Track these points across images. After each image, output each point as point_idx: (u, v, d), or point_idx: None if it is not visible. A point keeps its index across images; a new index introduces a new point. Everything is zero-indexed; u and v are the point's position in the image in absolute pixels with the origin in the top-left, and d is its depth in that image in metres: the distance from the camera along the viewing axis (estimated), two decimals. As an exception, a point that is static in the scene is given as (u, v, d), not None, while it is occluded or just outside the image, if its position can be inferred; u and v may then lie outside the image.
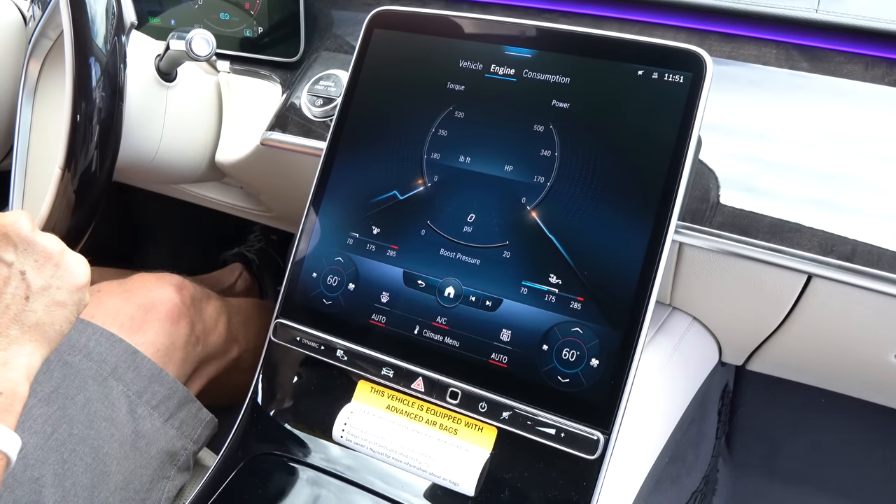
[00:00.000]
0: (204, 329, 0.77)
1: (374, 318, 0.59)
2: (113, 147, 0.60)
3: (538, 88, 0.58)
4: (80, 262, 0.50)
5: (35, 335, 0.46)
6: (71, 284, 0.48)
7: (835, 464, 1.05)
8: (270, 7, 0.75)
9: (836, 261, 0.54)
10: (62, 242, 0.50)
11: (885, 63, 0.58)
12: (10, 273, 0.46)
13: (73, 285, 0.49)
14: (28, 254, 0.47)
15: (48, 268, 0.48)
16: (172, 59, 0.65)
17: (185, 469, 0.69)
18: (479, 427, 0.55)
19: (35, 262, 0.47)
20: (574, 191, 0.55)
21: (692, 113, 0.53)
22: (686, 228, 0.57)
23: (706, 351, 0.76)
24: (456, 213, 0.58)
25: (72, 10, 0.55)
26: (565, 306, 0.54)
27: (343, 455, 0.58)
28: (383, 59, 0.64)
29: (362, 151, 0.62)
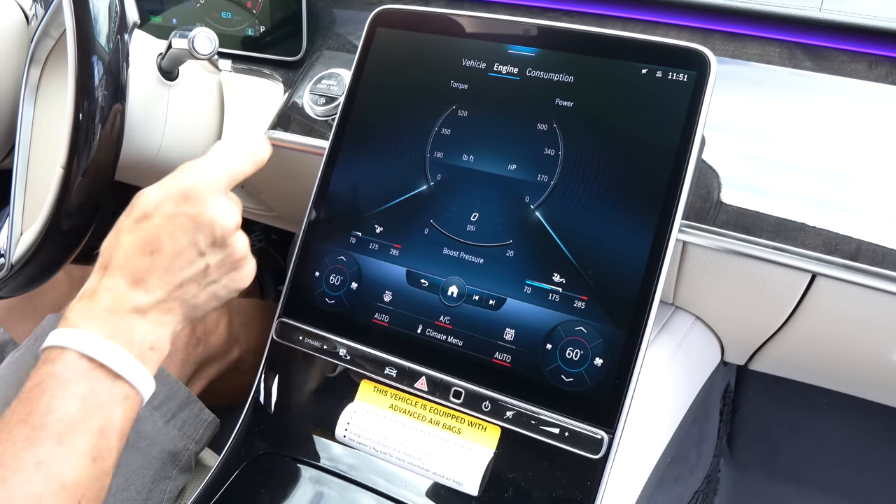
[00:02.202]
0: (205, 330, 0.77)
1: (377, 317, 0.59)
2: (115, 146, 0.60)
3: (542, 87, 0.57)
4: (250, 271, 0.55)
5: (187, 312, 0.52)
6: (234, 285, 0.54)
7: (837, 463, 1.05)
8: (272, 6, 0.75)
9: (840, 260, 0.53)
10: (247, 246, 0.54)
11: (888, 62, 0.58)
12: (198, 260, 0.51)
13: (235, 287, 0.54)
14: (219, 251, 0.52)
15: (226, 268, 0.53)
16: (174, 58, 0.65)
17: (187, 469, 0.68)
18: (483, 426, 0.55)
19: (221, 260, 0.52)
20: (577, 190, 0.55)
21: (696, 112, 0.52)
22: (690, 227, 0.57)
23: (708, 350, 0.76)
24: (459, 211, 0.58)
25: (74, 9, 0.55)
26: (569, 305, 0.54)
27: (346, 454, 0.58)
28: (386, 57, 0.64)
29: (365, 150, 0.62)
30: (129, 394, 0.47)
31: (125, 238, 0.49)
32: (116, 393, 0.46)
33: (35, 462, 0.42)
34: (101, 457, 0.45)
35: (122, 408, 0.47)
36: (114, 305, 0.48)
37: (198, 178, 0.51)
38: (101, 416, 0.45)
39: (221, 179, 0.52)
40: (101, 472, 0.45)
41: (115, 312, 0.48)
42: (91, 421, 0.45)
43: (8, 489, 0.41)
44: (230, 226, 0.51)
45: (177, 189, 0.50)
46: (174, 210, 0.49)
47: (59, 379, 0.45)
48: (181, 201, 0.50)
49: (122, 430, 0.47)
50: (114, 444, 0.46)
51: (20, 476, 0.42)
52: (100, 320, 0.47)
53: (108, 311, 0.48)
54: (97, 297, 0.48)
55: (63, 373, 0.45)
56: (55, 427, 0.44)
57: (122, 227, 0.50)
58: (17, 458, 0.43)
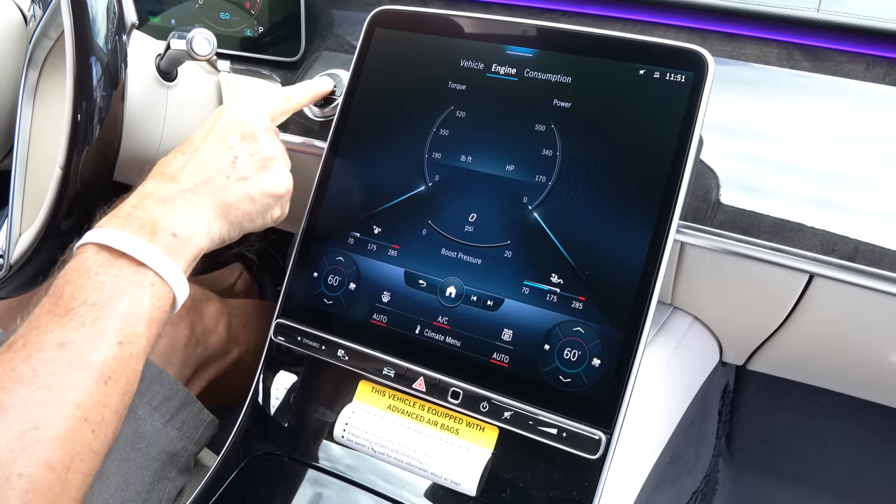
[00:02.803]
0: (204, 331, 0.77)
1: (375, 317, 0.59)
2: (114, 147, 0.60)
3: (540, 88, 0.58)
4: (283, 177, 0.56)
5: (219, 209, 0.52)
6: (266, 187, 0.54)
7: (835, 463, 1.05)
8: (271, 6, 0.75)
9: (838, 260, 0.54)
10: (282, 151, 0.57)
11: (886, 62, 0.58)
12: (227, 154, 0.53)
13: (266, 188, 0.54)
14: (247, 145, 0.54)
15: (255, 164, 0.54)
16: (173, 59, 0.65)
17: (186, 470, 0.68)
18: (481, 427, 0.55)
19: (250, 154, 0.54)
20: (575, 190, 0.55)
21: (694, 112, 0.53)
22: (688, 228, 0.57)
23: (707, 350, 0.76)
24: (457, 212, 0.58)
25: (73, 10, 0.55)
26: (567, 306, 0.54)
27: (344, 455, 0.58)
28: (384, 58, 0.64)
29: (363, 151, 0.62)
30: (154, 281, 0.47)
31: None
32: (140, 280, 0.46)
33: (59, 342, 0.43)
34: (129, 341, 0.45)
35: (150, 294, 0.47)
36: (139, 201, 0.50)
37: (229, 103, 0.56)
38: (126, 301, 0.45)
39: (257, 107, 0.57)
40: (128, 356, 0.45)
41: (138, 206, 0.49)
42: (115, 306, 0.45)
43: (31, 367, 0.42)
44: (259, 122, 0.55)
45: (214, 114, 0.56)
46: (209, 124, 0.55)
47: (81, 271, 0.46)
48: (216, 116, 0.56)
49: (152, 317, 0.47)
50: (141, 329, 0.46)
51: (43, 354, 0.42)
52: (122, 217, 0.49)
53: (133, 206, 0.49)
54: (127, 201, 0.50)
55: (85, 264, 0.46)
56: (79, 311, 0.44)
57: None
58: (43, 340, 0.43)
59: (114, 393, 0.44)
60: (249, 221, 0.55)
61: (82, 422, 0.42)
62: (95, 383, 0.43)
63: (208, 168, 0.53)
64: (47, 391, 0.41)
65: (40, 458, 0.39)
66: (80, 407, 0.42)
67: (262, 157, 0.55)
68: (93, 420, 0.42)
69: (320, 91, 0.65)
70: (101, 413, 0.43)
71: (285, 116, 0.61)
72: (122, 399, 0.45)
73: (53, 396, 0.41)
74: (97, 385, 0.43)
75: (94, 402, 0.43)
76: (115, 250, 0.46)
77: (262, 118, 0.56)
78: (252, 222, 0.55)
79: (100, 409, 0.43)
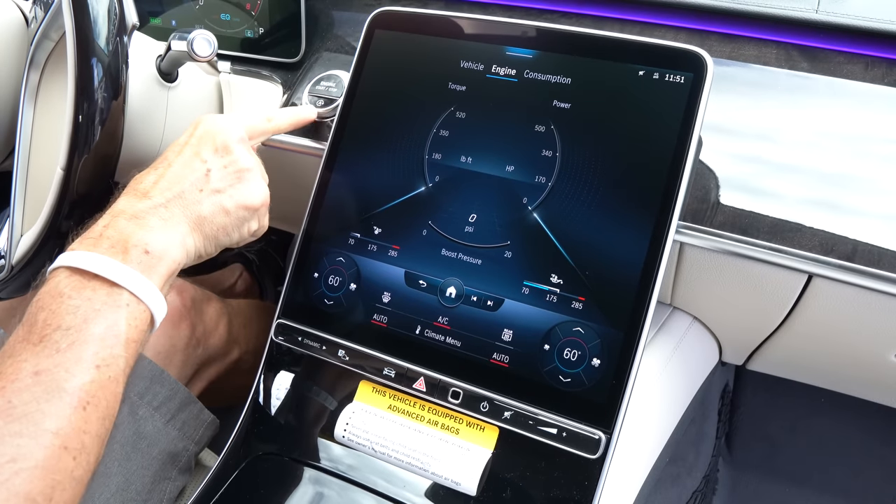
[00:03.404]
0: (204, 331, 0.77)
1: (375, 318, 0.59)
2: (115, 147, 0.60)
3: (539, 89, 0.58)
4: (258, 189, 0.55)
5: (193, 223, 0.51)
6: (240, 199, 0.54)
7: (835, 463, 1.05)
8: (271, 7, 0.75)
9: (837, 260, 0.54)
10: (257, 163, 0.56)
11: (884, 63, 0.58)
12: (200, 167, 0.53)
13: (241, 201, 0.54)
14: (221, 157, 0.53)
15: (229, 176, 0.53)
16: (174, 60, 0.65)
17: (187, 470, 0.68)
18: (481, 427, 0.55)
19: (224, 167, 0.53)
20: (575, 191, 0.55)
21: (693, 113, 0.53)
22: (687, 228, 0.57)
23: (706, 351, 0.76)
24: (457, 213, 0.58)
25: (74, 12, 0.55)
26: (567, 306, 0.54)
27: (345, 455, 0.58)
28: (384, 59, 0.64)
29: (363, 152, 0.62)
30: (129, 300, 0.46)
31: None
32: (114, 300, 0.45)
33: (34, 371, 0.42)
34: (106, 364, 0.44)
35: (126, 314, 0.46)
36: (110, 220, 0.49)
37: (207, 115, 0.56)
38: (101, 323, 0.44)
39: (234, 119, 0.56)
40: (106, 380, 0.44)
41: (109, 226, 0.48)
42: (90, 329, 0.44)
43: (6, 399, 0.41)
44: (233, 134, 0.54)
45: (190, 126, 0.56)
46: (184, 138, 0.54)
47: (54, 295, 0.45)
48: (191, 129, 0.55)
49: (129, 338, 0.46)
50: (119, 350, 0.45)
51: (17, 385, 0.41)
52: (94, 237, 0.48)
53: (104, 226, 0.48)
54: (99, 221, 0.49)
55: (57, 289, 0.45)
56: (53, 337, 0.43)
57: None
58: (17, 370, 0.42)
59: (94, 418, 0.43)
60: (225, 235, 0.54)
61: (62, 450, 0.41)
62: (74, 410, 0.42)
63: (181, 182, 0.52)
64: (23, 422, 0.40)
65: (20, 491, 0.39)
66: (58, 435, 0.41)
67: (236, 168, 0.54)
68: (73, 448, 0.42)
69: (303, 118, 0.65)
70: (82, 440, 0.42)
71: (264, 136, 0.60)
72: (102, 423, 0.44)
73: (30, 427, 0.40)
74: (76, 411, 0.42)
75: (73, 430, 0.42)
76: (88, 272, 0.46)
77: (237, 130, 0.55)
78: (228, 236, 0.54)
79: (80, 436, 0.42)
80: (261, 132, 0.59)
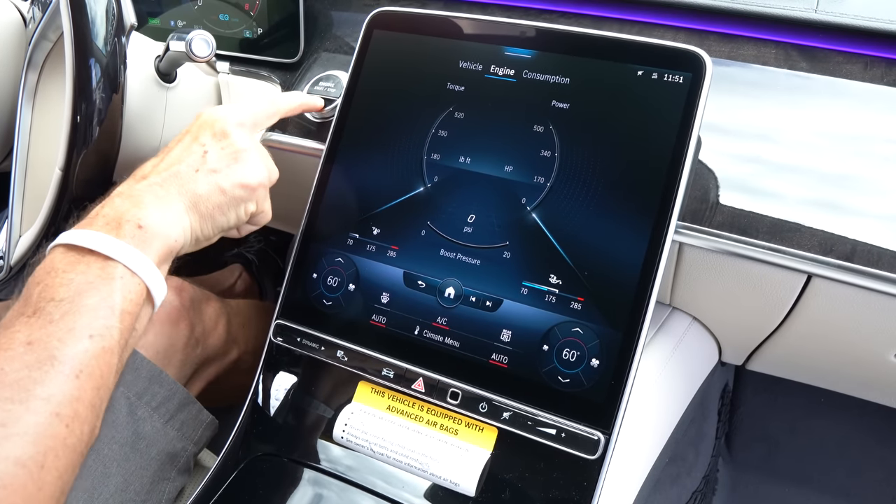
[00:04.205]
0: (203, 331, 0.77)
1: (374, 318, 0.59)
2: (113, 148, 0.60)
3: (538, 89, 0.58)
4: (255, 169, 0.55)
5: (189, 200, 0.52)
6: (237, 178, 0.54)
7: (835, 463, 1.05)
8: (270, 8, 0.75)
9: (836, 260, 0.54)
10: (255, 145, 0.56)
11: (883, 63, 0.58)
12: (197, 149, 0.54)
13: (237, 179, 0.54)
14: (218, 140, 0.55)
15: (226, 157, 0.54)
16: (172, 60, 0.65)
17: (186, 470, 0.68)
18: (480, 427, 0.55)
19: (221, 148, 0.54)
20: (574, 191, 0.55)
21: (692, 113, 0.53)
22: (686, 228, 0.57)
23: (706, 351, 0.76)
24: (456, 213, 0.58)
25: (72, 12, 0.55)
26: (565, 306, 0.54)
27: (344, 455, 0.58)
28: (383, 59, 0.64)
29: (362, 152, 0.62)
30: (123, 273, 0.46)
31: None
32: (108, 273, 0.46)
33: (26, 341, 0.42)
34: (100, 334, 0.44)
35: (119, 286, 0.46)
36: (107, 201, 0.50)
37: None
38: (94, 295, 0.45)
39: (235, 107, 0.57)
40: (100, 350, 0.44)
41: (105, 205, 0.49)
42: (82, 300, 0.44)
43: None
44: (230, 119, 0.56)
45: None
46: (186, 128, 0.56)
47: (49, 271, 0.46)
48: (194, 120, 0.56)
49: (124, 309, 0.46)
50: (113, 322, 0.45)
51: (10, 353, 0.42)
52: (90, 217, 0.49)
53: (101, 206, 0.49)
54: (99, 205, 0.50)
55: (52, 264, 0.46)
56: (46, 309, 0.44)
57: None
58: (10, 340, 0.42)
59: (87, 387, 0.43)
60: (221, 214, 0.54)
61: (54, 417, 0.41)
62: (66, 377, 0.42)
63: (178, 163, 0.53)
64: (14, 388, 0.41)
65: (9, 456, 0.39)
66: (49, 402, 0.41)
67: (233, 150, 0.55)
68: (65, 415, 0.42)
69: (310, 103, 0.66)
70: (75, 407, 0.43)
71: (271, 120, 0.60)
72: (97, 393, 0.44)
73: (21, 393, 0.41)
74: (68, 379, 0.42)
75: (65, 397, 0.42)
76: (82, 248, 0.46)
77: (236, 116, 0.56)
78: (225, 215, 0.55)
79: (72, 404, 0.42)
80: (267, 115, 0.60)
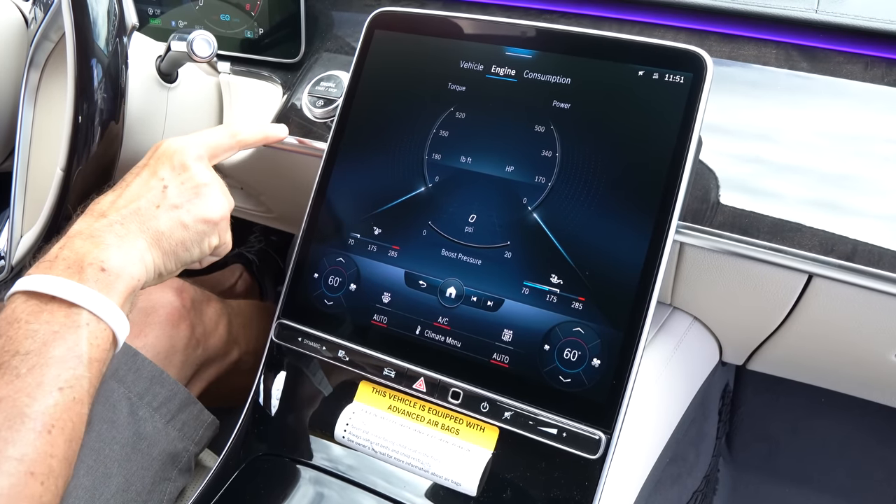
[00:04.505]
0: (204, 332, 0.77)
1: (375, 318, 0.59)
2: (114, 148, 0.61)
3: (539, 89, 0.58)
4: (216, 203, 0.55)
5: (150, 238, 0.51)
6: (199, 213, 0.53)
7: (835, 463, 1.05)
8: (271, 8, 0.75)
9: (837, 260, 0.54)
10: (215, 178, 0.56)
11: (884, 63, 0.58)
12: (157, 185, 0.53)
13: (200, 214, 0.53)
14: (178, 175, 0.54)
15: (187, 192, 0.53)
16: (173, 61, 0.65)
17: (187, 471, 0.68)
18: (481, 427, 0.55)
19: (181, 183, 0.53)
20: (575, 191, 0.55)
21: (692, 113, 0.53)
22: (687, 228, 0.57)
23: (707, 351, 0.76)
24: (457, 213, 0.58)
25: (73, 13, 0.55)
26: (567, 306, 0.54)
27: (345, 455, 0.58)
28: (384, 60, 0.64)
29: (363, 152, 0.62)
30: (88, 319, 0.45)
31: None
32: (73, 321, 0.45)
33: None
34: (69, 385, 0.43)
35: (86, 334, 0.45)
36: (66, 241, 0.48)
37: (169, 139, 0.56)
38: (61, 345, 0.44)
39: (193, 139, 0.56)
40: (70, 401, 0.43)
41: (65, 247, 0.48)
42: (49, 351, 0.43)
43: None
44: (189, 152, 0.55)
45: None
46: (143, 161, 0.55)
47: (11, 322, 0.45)
48: (150, 153, 0.55)
49: (92, 357, 0.45)
50: (81, 371, 0.44)
51: None
52: (49, 260, 0.47)
53: (60, 248, 0.48)
54: (56, 244, 0.49)
55: (14, 315, 0.45)
56: (11, 363, 0.42)
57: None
58: None
59: (60, 441, 0.42)
60: (185, 250, 0.53)
61: (28, 476, 0.40)
62: (38, 434, 0.41)
63: (137, 199, 0.52)
64: None
65: None
66: (23, 462, 0.40)
67: (194, 185, 0.54)
68: (40, 473, 0.41)
69: (273, 135, 0.64)
70: (49, 464, 0.42)
71: (229, 153, 0.60)
72: (69, 446, 0.43)
73: None
74: (40, 436, 0.41)
75: (38, 455, 0.41)
76: (45, 295, 0.45)
77: (194, 148, 0.55)
78: (188, 251, 0.54)
79: (46, 461, 0.41)
80: (225, 148, 0.59)
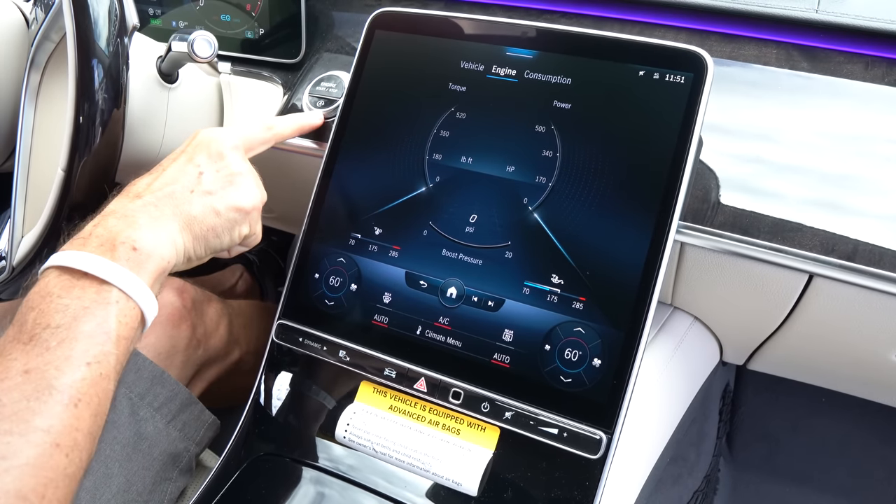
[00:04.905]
0: (205, 332, 0.77)
1: (376, 318, 0.59)
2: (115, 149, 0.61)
3: (540, 89, 0.58)
4: (250, 193, 0.55)
5: (183, 221, 0.52)
6: (231, 201, 0.54)
7: (835, 463, 1.05)
8: (271, 8, 0.75)
9: (838, 260, 0.54)
10: (250, 169, 0.57)
11: (885, 63, 0.58)
12: (192, 171, 0.54)
13: (232, 202, 0.54)
14: (214, 163, 0.55)
15: (221, 179, 0.54)
16: (174, 61, 0.65)
17: (188, 471, 0.68)
18: (482, 427, 0.55)
19: (216, 171, 0.54)
20: (576, 191, 0.55)
21: (693, 113, 0.53)
22: (687, 228, 0.57)
23: (707, 350, 0.76)
24: (458, 213, 0.58)
25: (74, 13, 0.55)
26: (567, 306, 0.54)
27: (346, 455, 0.58)
28: (385, 60, 0.64)
29: (364, 152, 0.63)
30: (118, 297, 0.46)
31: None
32: (104, 297, 0.46)
33: (24, 370, 0.42)
34: (97, 361, 0.44)
35: (115, 311, 0.46)
36: (100, 220, 0.49)
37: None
38: (91, 321, 0.44)
39: (231, 130, 0.57)
40: (98, 376, 0.44)
41: (99, 224, 0.49)
42: (79, 326, 0.44)
43: None
44: (227, 142, 0.56)
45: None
46: (181, 148, 0.56)
47: (43, 295, 0.45)
48: (188, 140, 0.56)
49: (120, 335, 0.46)
50: (109, 348, 0.45)
51: (7, 383, 0.41)
52: (83, 237, 0.48)
53: (94, 225, 0.49)
54: (90, 221, 0.50)
55: (46, 288, 0.45)
56: (42, 336, 0.43)
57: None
58: (7, 369, 0.42)
59: (85, 415, 0.43)
60: (215, 237, 0.54)
61: (54, 448, 0.41)
62: (65, 407, 0.42)
63: (173, 183, 0.53)
64: (13, 420, 0.40)
65: (11, 489, 0.39)
66: (49, 433, 0.41)
67: (228, 172, 0.55)
68: (65, 445, 0.41)
69: (308, 124, 0.65)
70: (74, 437, 0.42)
71: (265, 146, 0.60)
72: (94, 420, 0.44)
73: (20, 424, 0.40)
74: (67, 409, 0.42)
75: (64, 427, 0.42)
76: (77, 271, 0.46)
77: (232, 139, 0.56)
78: (218, 238, 0.54)
79: (72, 433, 0.42)
80: (260, 141, 0.60)
